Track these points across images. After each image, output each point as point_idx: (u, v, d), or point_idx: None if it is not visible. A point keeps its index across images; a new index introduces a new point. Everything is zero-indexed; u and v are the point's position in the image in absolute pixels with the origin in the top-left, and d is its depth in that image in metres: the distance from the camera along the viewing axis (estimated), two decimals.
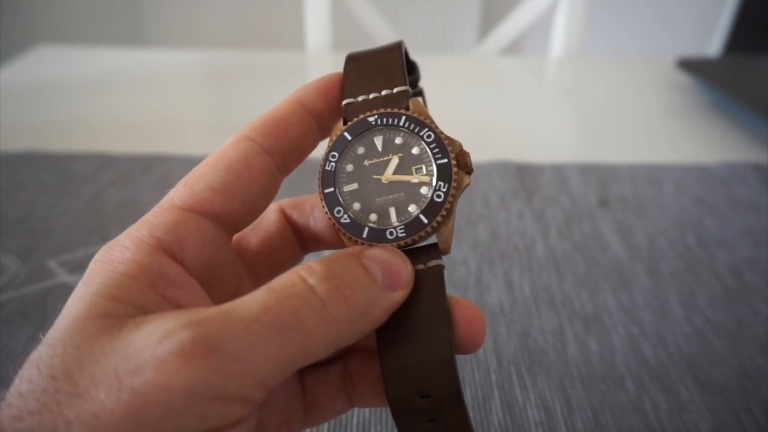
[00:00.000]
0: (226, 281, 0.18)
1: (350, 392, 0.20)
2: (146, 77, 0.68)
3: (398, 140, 0.18)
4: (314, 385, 0.20)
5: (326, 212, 0.18)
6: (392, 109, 0.18)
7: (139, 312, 0.14)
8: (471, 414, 0.26)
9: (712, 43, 1.78)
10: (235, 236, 0.20)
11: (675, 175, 0.47)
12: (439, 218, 0.17)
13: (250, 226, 0.20)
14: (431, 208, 0.17)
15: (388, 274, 0.16)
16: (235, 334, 0.13)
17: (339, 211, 0.18)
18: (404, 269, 0.17)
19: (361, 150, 0.18)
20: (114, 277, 0.15)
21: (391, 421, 0.26)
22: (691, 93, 0.65)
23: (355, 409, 0.26)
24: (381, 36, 0.86)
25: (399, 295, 0.16)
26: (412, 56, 0.21)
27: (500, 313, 0.32)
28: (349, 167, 0.18)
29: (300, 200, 0.21)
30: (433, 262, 0.17)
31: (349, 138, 0.18)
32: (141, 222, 0.16)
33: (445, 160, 0.18)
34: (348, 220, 0.18)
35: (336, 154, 0.18)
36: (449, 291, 0.17)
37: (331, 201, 0.18)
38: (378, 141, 0.18)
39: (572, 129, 0.58)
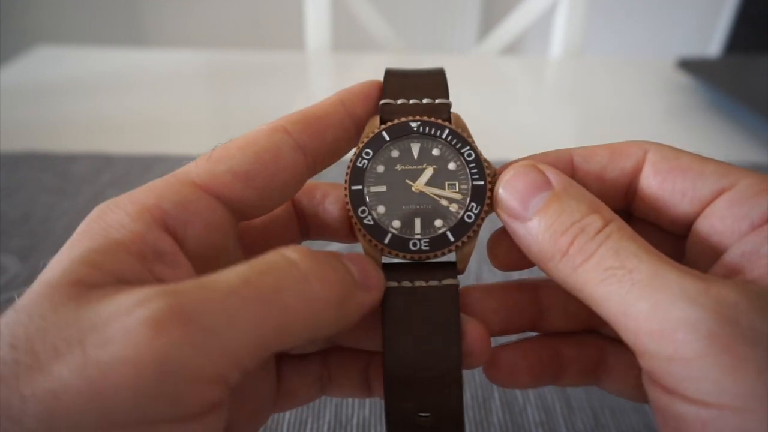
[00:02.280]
0: (224, 266, 0.17)
1: (326, 383, 0.20)
2: (146, 77, 0.68)
3: (435, 152, 0.18)
4: (292, 374, 0.20)
5: (349, 210, 0.17)
6: (435, 119, 0.18)
7: (118, 283, 0.13)
8: (471, 414, 0.26)
9: (712, 43, 1.78)
10: None
11: None
12: (465, 239, 0.17)
13: None
14: (460, 227, 0.17)
15: (363, 274, 0.16)
16: (211, 305, 0.12)
17: (363, 211, 0.17)
18: (377, 276, 0.17)
19: (395, 153, 0.18)
20: (102, 243, 0.14)
21: None
22: (691, 93, 0.65)
23: (355, 409, 0.26)
24: (381, 36, 0.86)
25: (371, 296, 0.16)
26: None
27: None
28: (381, 168, 0.18)
29: (311, 186, 0.20)
30: (448, 281, 0.17)
31: (387, 139, 0.18)
32: (148, 188, 0.15)
33: (482, 182, 0.17)
34: (371, 223, 0.17)
35: (370, 151, 0.18)
36: None
37: (356, 199, 0.17)
38: (415, 148, 0.18)
39: (572, 129, 0.58)
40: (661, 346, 0.13)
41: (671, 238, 0.18)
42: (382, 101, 0.18)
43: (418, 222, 0.17)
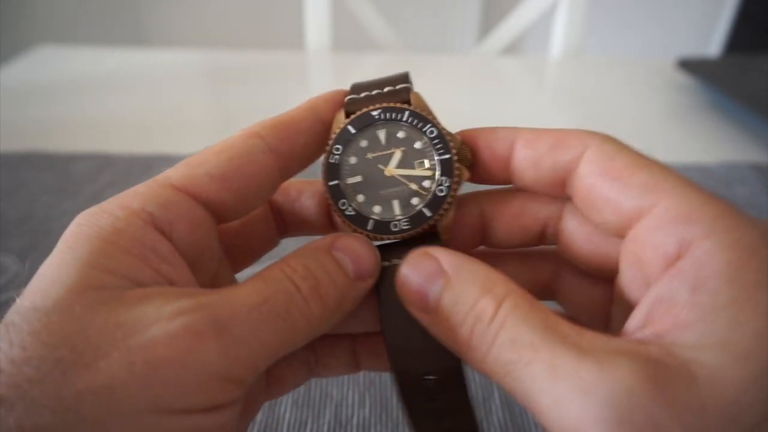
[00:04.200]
0: (207, 265, 0.18)
1: (312, 366, 0.21)
2: (146, 77, 0.68)
3: (401, 134, 0.19)
4: (281, 362, 0.20)
5: (331, 204, 0.18)
6: (395, 103, 0.19)
7: (135, 285, 0.14)
8: None
9: (712, 43, 1.78)
10: None
11: None
12: (441, 211, 0.18)
13: None
14: (434, 202, 0.18)
15: (357, 265, 0.17)
16: (240, 319, 0.14)
17: (343, 204, 0.18)
18: (372, 259, 0.17)
19: (364, 143, 0.19)
20: (103, 247, 0.14)
21: (391, 422, 0.26)
22: (691, 93, 0.65)
23: (355, 409, 0.26)
24: (381, 36, 0.86)
25: (367, 284, 0.17)
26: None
27: None
28: (353, 159, 0.19)
29: (285, 184, 0.21)
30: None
31: (353, 131, 0.19)
32: (132, 193, 0.16)
33: (448, 156, 0.18)
34: (353, 213, 0.18)
35: (340, 147, 0.18)
36: None
37: (335, 193, 0.18)
38: (381, 135, 0.19)
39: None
40: None
41: (602, 238, 0.18)
42: (347, 98, 0.19)
43: (396, 204, 0.18)
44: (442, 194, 0.18)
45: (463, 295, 0.15)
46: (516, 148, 0.18)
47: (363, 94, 0.19)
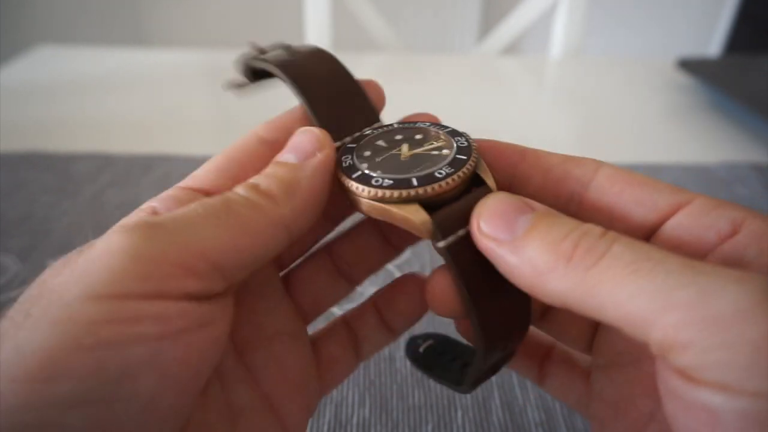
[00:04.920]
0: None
1: (355, 344, 0.21)
2: (146, 77, 0.68)
3: (397, 136, 0.19)
4: (324, 340, 0.21)
5: (362, 190, 0.17)
6: (373, 127, 0.19)
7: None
8: (471, 414, 0.26)
9: (712, 43, 1.78)
10: None
11: (675, 175, 0.47)
12: (474, 155, 0.17)
13: None
14: (463, 150, 0.17)
15: (299, 149, 0.17)
16: (176, 217, 0.14)
17: (377, 181, 0.17)
18: (311, 138, 0.17)
19: (368, 152, 0.18)
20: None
21: (391, 422, 0.26)
22: (691, 93, 0.65)
23: (355, 409, 0.26)
24: (381, 36, 0.86)
25: (316, 159, 0.17)
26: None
27: None
28: (367, 152, 0.18)
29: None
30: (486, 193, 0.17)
31: (354, 145, 0.18)
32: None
33: (450, 127, 0.19)
34: (391, 181, 0.16)
35: (348, 156, 0.18)
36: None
37: (364, 179, 0.17)
38: (381, 141, 0.19)
39: (572, 129, 0.58)
40: (713, 336, 0.11)
41: None
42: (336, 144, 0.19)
43: (428, 164, 0.17)
44: (465, 144, 0.18)
45: (561, 222, 0.14)
46: (527, 155, 0.18)
47: (348, 139, 0.19)
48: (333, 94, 0.19)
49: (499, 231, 0.15)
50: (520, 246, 0.14)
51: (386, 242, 0.21)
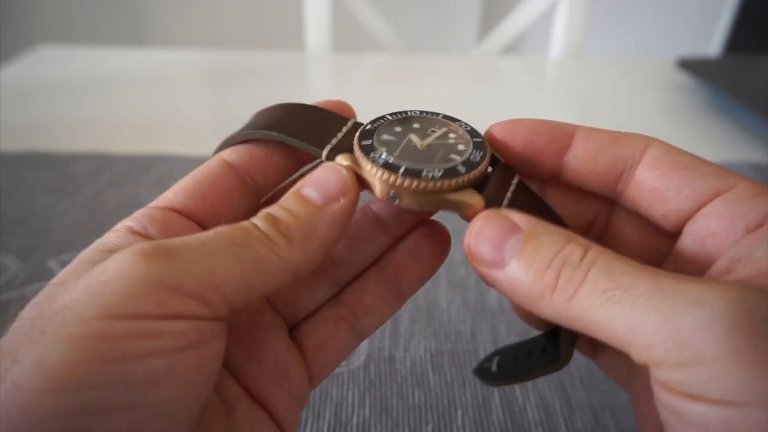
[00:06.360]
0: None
1: (350, 319, 0.20)
2: (146, 77, 0.68)
3: (397, 129, 0.19)
4: (307, 329, 0.20)
5: (386, 176, 0.17)
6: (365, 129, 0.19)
7: None
8: (471, 414, 0.26)
9: (712, 43, 1.78)
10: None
11: None
12: (485, 139, 0.18)
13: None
14: (479, 145, 0.18)
15: (322, 190, 0.17)
16: (191, 246, 0.15)
17: (428, 172, 0.17)
18: (336, 176, 0.17)
19: (387, 136, 0.18)
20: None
21: (391, 422, 0.26)
22: (691, 93, 0.65)
23: (355, 409, 0.26)
24: (381, 36, 0.86)
25: (339, 206, 0.17)
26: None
27: (500, 312, 0.32)
28: (385, 136, 0.18)
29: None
30: (514, 180, 0.18)
31: (372, 128, 0.18)
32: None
33: (459, 122, 0.19)
34: (441, 172, 0.17)
35: (369, 139, 0.18)
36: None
37: (388, 165, 0.17)
38: (385, 135, 0.18)
39: None
40: (679, 354, 0.13)
41: (653, 234, 0.19)
42: (324, 151, 0.18)
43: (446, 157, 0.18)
44: (469, 128, 0.18)
45: (547, 244, 0.15)
46: (576, 138, 0.18)
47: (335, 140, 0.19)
48: (296, 119, 0.19)
49: (489, 257, 0.16)
50: (511, 275, 0.15)
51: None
